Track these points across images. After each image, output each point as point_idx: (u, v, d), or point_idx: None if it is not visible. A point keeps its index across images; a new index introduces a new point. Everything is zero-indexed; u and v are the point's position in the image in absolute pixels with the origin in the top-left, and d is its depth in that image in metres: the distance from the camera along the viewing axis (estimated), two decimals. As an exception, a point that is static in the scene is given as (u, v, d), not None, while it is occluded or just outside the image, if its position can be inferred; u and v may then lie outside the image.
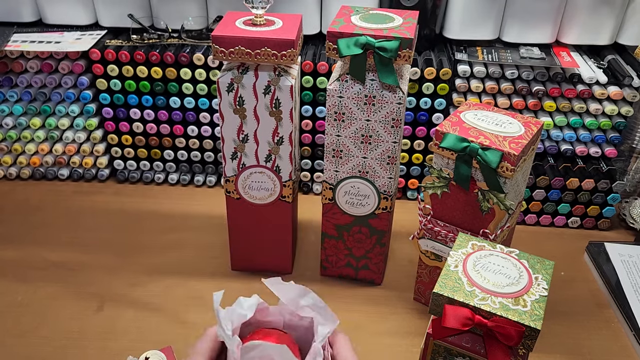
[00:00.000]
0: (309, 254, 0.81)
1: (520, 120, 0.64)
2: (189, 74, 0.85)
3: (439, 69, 0.83)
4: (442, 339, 0.51)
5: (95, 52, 0.85)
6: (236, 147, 0.68)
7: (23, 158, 0.95)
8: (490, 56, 0.84)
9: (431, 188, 0.65)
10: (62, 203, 0.91)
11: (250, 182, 0.71)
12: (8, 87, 0.89)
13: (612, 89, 0.82)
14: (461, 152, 0.60)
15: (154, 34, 0.88)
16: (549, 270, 0.52)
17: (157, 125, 0.91)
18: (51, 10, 0.90)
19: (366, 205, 0.70)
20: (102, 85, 0.88)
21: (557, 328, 0.71)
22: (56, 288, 0.75)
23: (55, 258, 0.80)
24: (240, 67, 0.64)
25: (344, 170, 0.68)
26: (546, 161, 0.87)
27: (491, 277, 0.51)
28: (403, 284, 0.77)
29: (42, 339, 0.68)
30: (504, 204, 0.60)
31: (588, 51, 0.89)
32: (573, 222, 0.89)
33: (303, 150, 0.91)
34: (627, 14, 0.84)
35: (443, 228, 0.66)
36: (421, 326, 0.70)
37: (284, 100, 0.64)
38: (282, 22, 0.65)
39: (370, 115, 0.64)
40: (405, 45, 0.59)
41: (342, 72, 0.63)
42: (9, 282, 0.75)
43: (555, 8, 0.83)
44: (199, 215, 0.89)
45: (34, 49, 0.85)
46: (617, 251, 0.81)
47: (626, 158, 0.92)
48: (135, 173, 0.96)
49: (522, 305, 0.48)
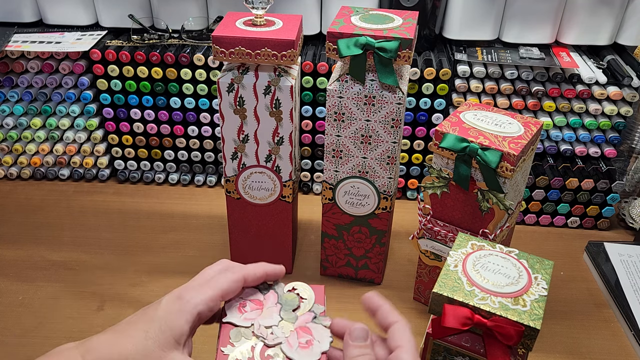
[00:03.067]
0: (309, 254, 0.82)
1: (520, 121, 0.64)
2: (189, 75, 0.86)
3: (438, 69, 0.83)
4: (441, 338, 0.51)
5: (96, 53, 0.85)
6: (236, 147, 0.68)
7: (24, 158, 0.95)
8: (490, 56, 0.84)
9: (431, 188, 0.65)
10: (62, 203, 0.91)
11: (250, 182, 0.71)
12: (9, 87, 0.90)
13: (611, 89, 0.82)
14: (461, 152, 0.60)
15: (154, 35, 0.88)
16: (549, 270, 0.52)
17: (157, 126, 0.91)
18: (52, 11, 0.90)
19: (366, 205, 0.70)
20: (103, 85, 0.88)
21: (557, 328, 0.71)
22: (57, 288, 0.75)
23: (56, 258, 0.80)
24: (241, 68, 0.64)
25: (343, 170, 0.68)
26: (545, 161, 0.87)
27: (491, 276, 0.51)
28: (403, 283, 0.77)
29: (43, 338, 0.68)
30: (504, 204, 0.60)
31: (587, 51, 0.89)
32: (572, 222, 0.89)
33: (303, 150, 0.92)
34: (626, 14, 0.85)
35: (443, 228, 0.66)
36: (421, 326, 0.70)
37: (284, 100, 0.65)
38: (282, 23, 0.65)
39: (370, 115, 0.64)
40: (405, 45, 0.60)
41: (342, 73, 0.64)
42: (10, 282, 0.75)
43: (554, 8, 0.83)
44: (199, 215, 0.89)
45: (35, 49, 0.85)
46: (616, 251, 0.81)
47: (625, 158, 0.92)
48: (136, 173, 0.96)
49: (522, 305, 0.48)
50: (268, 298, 0.46)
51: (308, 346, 0.43)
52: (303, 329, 0.45)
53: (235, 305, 0.45)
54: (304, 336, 0.44)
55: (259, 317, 0.44)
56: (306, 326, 0.45)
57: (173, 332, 0.40)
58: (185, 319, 0.41)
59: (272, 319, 0.45)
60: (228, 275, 0.44)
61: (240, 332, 0.43)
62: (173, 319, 0.41)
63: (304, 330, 0.45)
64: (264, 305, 0.45)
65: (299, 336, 0.44)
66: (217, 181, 0.96)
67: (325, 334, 0.45)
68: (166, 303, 0.42)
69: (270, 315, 0.45)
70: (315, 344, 0.44)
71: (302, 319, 0.45)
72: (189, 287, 0.43)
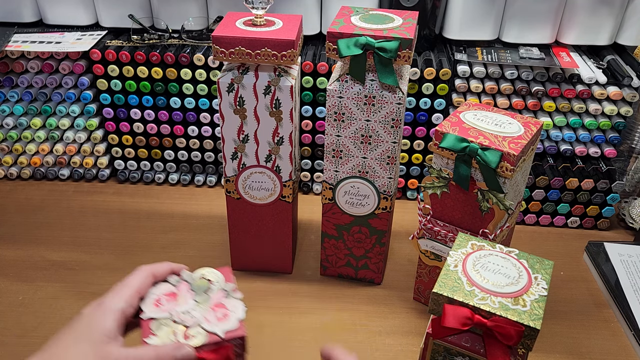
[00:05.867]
0: (309, 254, 0.82)
1: (520, 121, 0.64)
2: (189, 75, 0.86)
3: (438, 69, 0.83)
4: (441, 338, 0.51)
5: (96, 53, 0.85)
6: (236, 147, 0.68)
7: (24, 158, 0.95)
8: (490, 56, 0.84)
9: (431, 188, 0.65)
10: (63, 203, 0.92)
11: (250, 182, 0.71)
12: (9, 87, 0.90)
13: (611, 89, 0.82)
14: (461, 152, 0.60)
15: (154, 35, 0.88)
16: (549, 270, 0.52)
17: (157, 126, 0.91)
18: (52, 11, 0.90)
19: (366, 205, 0.70)
20: (103, 85, 0.88)
21: (557, 328, 0.71)
22: (57, 288, 0.75)
23: (56, 258, 0.80)
24: (241, 68, 0.64)
25: (343, 170, 0.68)
26: (545, 161, 0.87)
27: (491, 276, 0.51)
28: (403, 283, 0.77)
29: (43, 338, 0.67)
30: (504, 204, 0.60)
31: (587, 51, 0.89)
32: (572, 222, 0.89)
33: (303, 150, 0.92)
34: (626, 14, 0.85)
35: (443, 228, 0.66)
36: (421, 326, 0.70)
37: (284, 100, 0.65)
38: (282, 23, 0.65)
39: (370, 115, 0.64)
40: (405, 45, 0.60)
41: (342, 73, 0.64)
42: (10, 282, 0.75)
43: (554, 8, 0.83)
44: (199, 215, 0.89)
45: (35, 49, 0.85)
46: (616, 251, 0.81)
47: (625, 158, 0.92)
48: (136, 173, 0.96)
49: (522, 305, 0.48)
50: (180, 288, 0.50)
51: (225, 318, 0.48)
52: (218, 305, 0.49)
53: (151, 301, 0.48)
54: (220, 311, 0.48)
55: (175, 306, 0.48)
56: (220, 302, 0.49)
57: (102, 330, 0.42)
58: (112, 319, 0.43)
59: (187, 304, 0.48)
60: (137, 274, 0.48)
61: (160, 323, 0.47)
62: (98, 321, 0.43)
63: (218, 307, 0.49)
64: (178, 295, 0.49)
65: (215, 312, 0.48)
66: (217, 181, 0.96)
67: (238, 304, 0.49)
68: (88, 311, 0.45)
69: (185, 302, 0.48)
70: (231, 315, 0.48)
71: (215, 297, 0.49)
72: (106, 295, 0.46)
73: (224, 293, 0.50)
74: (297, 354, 0.66)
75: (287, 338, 0.69)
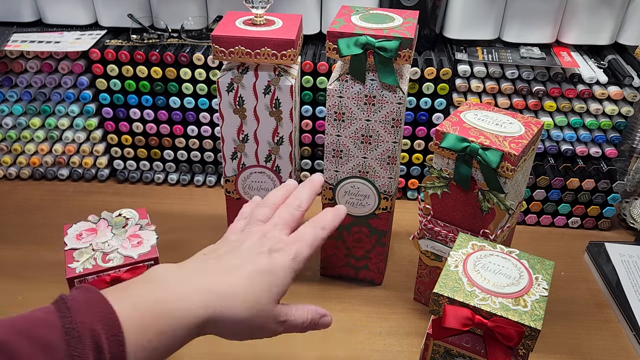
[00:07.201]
0: (309, 254, 0.81)
1: (521, 120, 0.64)
2: (188, 74, 0.85)
3: (439, 68, 0.83)
4: (442, 339, 0.51)
5: (95, 52, 0.85)
6: (236, 147, 0.68)
7: (23, 158, 0.95)
8: (491, 56, 0.84)
9: (431, 188, 0.65)
10: (62, 203, 0.91)
11: (250, 182, 0.70)
12: (8, 87, 0.89)
13: (612, 89, 0.82)
14: (461, 152, 0.60)
15: (153, 34, 0.88)
16: (549, 270, 0.52)
17: (156, 125, 0.91)
18: (51, 10, 0.90)
19: (366, 205, 0.70)
20: (102, 85, 0.88)
21: (557, 328, 0.71)
22: (56, 288, 0.74)
23: (55, 258, 0.79)
24: (240, 67, 0.64)
25: (344, 170, 0.68)
26: (546, 161, 0.87)
27: (491, 277, 0.51)
28: (403, 284, 0.77)
29: (42, 339, 0.67)
30: (504, 204, 0.60)
31: (588, 51, 0.89)
32: (573, 222, 0.89)
33: (303, 150, 0.91)
34: (627, 14, 0.84)
35: (443, 228, 0.66)
36: (421, 326, 0.70)
37: (284, 100, 0.64)
38: (282, 22, 0.65)
39: (370, 115, 0.63)
40: (405, 45, 0.59)
41: (342, 72, 0.63)
42: (8, 282, 0.75)
43: (555, 8, 0.83)
44: (199, 215, 0.89)
45: (34, 49, 0.85)
46: (617, 251, 0.81)
47: (626, 158, 0.92)
48: (135, 173, 0.96)
49: (523, 306, 0.48)
50: (100, 225, 0.60)
51: (139, 245, 0.57)
52: (133, 236, 0.58)
53: (73, 235, 0.58)
54: (135, 239, 0.58)
55: (95, 238, 0.58)
56: (135, 233, 0.59)
57: None
58: None
59: (105, 236, 0.58)
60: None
61: (81, 252, 0.56)
62: None
63: (134, 237, 0.58)
64: (98, 230, 0.59)
65: (131, 241, 0.58)
66: (216, 181, 0.96)
67: (151, 234, 0.59)
68: None
69: (104, 235, 0.58)
70: (145, 242, 0.58)
71: (131, 230, 0.59)
72: None
73: (139, 227, 0.60)
74: (297, 354, 0.66)
75: (286, 338, 0.68)
